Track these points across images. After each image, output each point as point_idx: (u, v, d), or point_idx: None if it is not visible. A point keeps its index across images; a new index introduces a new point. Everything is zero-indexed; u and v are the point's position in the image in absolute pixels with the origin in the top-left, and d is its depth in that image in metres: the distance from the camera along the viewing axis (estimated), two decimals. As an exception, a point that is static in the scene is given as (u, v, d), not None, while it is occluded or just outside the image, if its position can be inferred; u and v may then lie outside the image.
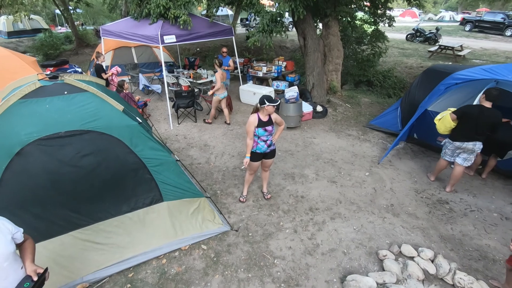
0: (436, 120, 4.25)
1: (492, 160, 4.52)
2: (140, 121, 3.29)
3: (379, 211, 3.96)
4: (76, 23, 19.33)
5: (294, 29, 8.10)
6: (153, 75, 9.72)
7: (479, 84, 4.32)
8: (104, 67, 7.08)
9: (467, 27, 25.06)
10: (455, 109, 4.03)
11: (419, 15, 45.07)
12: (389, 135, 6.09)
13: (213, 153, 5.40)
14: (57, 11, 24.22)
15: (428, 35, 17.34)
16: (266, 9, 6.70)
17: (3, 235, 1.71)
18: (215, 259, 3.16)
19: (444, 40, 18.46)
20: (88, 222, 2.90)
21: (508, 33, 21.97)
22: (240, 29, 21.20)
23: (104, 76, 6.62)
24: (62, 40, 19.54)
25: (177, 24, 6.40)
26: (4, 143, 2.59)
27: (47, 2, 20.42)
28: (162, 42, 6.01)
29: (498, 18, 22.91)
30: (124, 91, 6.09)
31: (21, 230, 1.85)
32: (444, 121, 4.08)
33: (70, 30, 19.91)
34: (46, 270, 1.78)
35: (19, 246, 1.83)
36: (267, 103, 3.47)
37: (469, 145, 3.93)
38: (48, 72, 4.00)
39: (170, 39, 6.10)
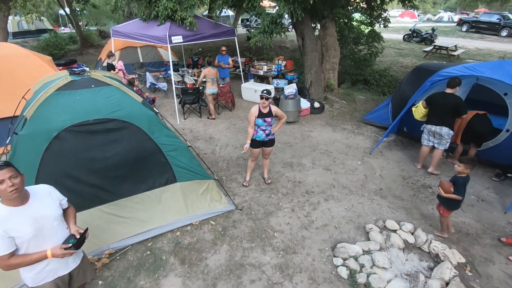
0: (413, 108, 4.83)
1: (472, 149, 4.97)
2: (157, 111, 3.74)
3: (369, 194, 4.40)
4: (79, 23, 19.74)
5: (293, 30, 8.54)
6: (158, 74, 10.16)
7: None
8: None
9: (464, 28, 25.47)
10: (427, 98, 4.65)
11: (418, 15, 45.45)
12: (381, 129, 6.53)
13: (217, 145, 5.85)
14: (61, 11, 24.66)
15: (424, 36, 17.80)
16: (267, 10, 7.15)
17: (53, 200, 2.15)
18: (222, 232, 3.61)
19: (440, 40, 18.93)
20: (113, 198, 3.35)
21: (503, 33, 22.38)
22: (241, 30, 21.64)
23: (113, 73, 7.06)
24: (66, 41, 19.98)
25: (183, 25, 6.85)
26: (44, 128, 3.03)
27: (51, 3, 20.79)
28: (170, 42, 6.46)
29: (494, 19, 23.33)
30: (134, 88, 6.54)
31: (66, 198, 2.29)
32: (418, 109, 4.75)
33: (73, 31, 20.34)
34: (86, 230, 2.18)
35: (63, 211, 2.26)
36: (261, 95, 3.95)
37: (437, 128, 4.55)
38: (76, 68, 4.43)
39: (177, 39, 6.55)
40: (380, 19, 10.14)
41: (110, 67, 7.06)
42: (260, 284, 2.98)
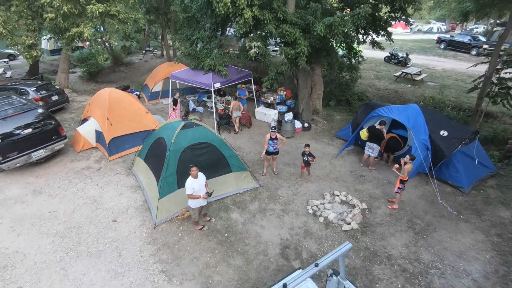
0: (360, 132, 8.58)
1: (390, 156, 8.77)
2: (223, 137, 7.57)
3: (330, 179, 8.21)
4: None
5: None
6: (195, 99, 13.94)
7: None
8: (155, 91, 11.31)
9: (442, 46, 29.22)
10: (367, 127, 8.39)
11: (410, 27, 49.28)
12: (346, 142, 10.31)
13: (244, 152, 9.65)
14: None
15: (400, 59, 21.54)
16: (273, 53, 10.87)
17: (202, 178, 5.98)
18: (254, 196, 7.42)
19: (418, 59, 22.80)
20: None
21: (473, 52, 26.12)
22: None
23: (172, 107, 10.91)
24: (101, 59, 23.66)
25: (220, 74, 10.65)
26: (178, 148, 6.83)
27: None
28: (213, 87, 10.28)
29: (466, 39, 27.11)
30: (189, 115, 10.36)
31: (205, 178, 6.10)
32: (362, 133, 8.43)
33: (90, 49, 22.16)
34: (212, 192, 6.01)
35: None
36: (271, 132, 7.74)
37: (372, 145, 8.27)
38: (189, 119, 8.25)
39: (217, 85, 10.38)
40: (357, 57, 13.92)
41: (175, 102, 10.86)
42: (273, 216, 6.79)
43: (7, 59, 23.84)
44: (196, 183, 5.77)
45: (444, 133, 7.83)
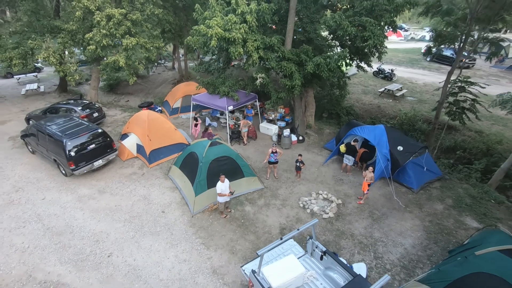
0: (340, 146, 11.41)
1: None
2: (236, 150, 10.39)
3: (316, 182, 11.02)
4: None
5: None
6: (209, 113, 16.75)
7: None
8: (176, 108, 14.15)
9: (428, 58, 31.96)
10: (345, 143, 11.24)
11: (404, 32, 52.14)
12: (331, 153, 13.11)
13: (252, 160, 12.45)
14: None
15: (386, 74, 24.34)
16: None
17: (227, 182, 8.82)
18: (260, 195, 10.24)
19: (403, 73, 25.58)
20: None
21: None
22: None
23: (194, 123, 13.74)
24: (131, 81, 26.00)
25: (232, 98, 13.45)
26: (208, 160, 9.63)
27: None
28: (227, 109, 13.10)
29: (449, 53, 29.83)
30: (208, 131, 13.18)
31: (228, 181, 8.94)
32: (341, 148, 11.26)
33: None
34: (234, 191, 8.84)
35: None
36: (272, 147, 10.58)
37: (348, 156, 11.09)
38: (213, 139, 11.08)
39: (230, 108, 13.21)
40: (344, 78, 16.71)
41: (196, 119, 13.69)
42: (275, 208, 9.62)
43: (36, 73, 26.66)
44: (224, 186, 8.58)
45: (400, 148, 10.64)
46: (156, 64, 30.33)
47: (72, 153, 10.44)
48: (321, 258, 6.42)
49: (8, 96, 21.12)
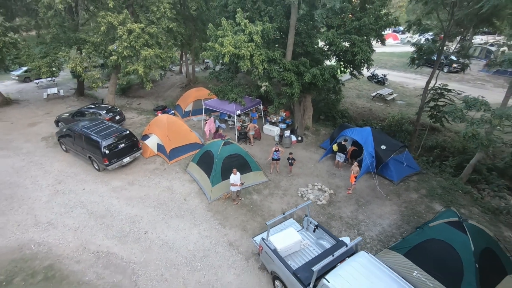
0: (333, 146, 13.38)
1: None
2: (246, 149, 12.34)
3: (312, 176, 12.97)
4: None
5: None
6: (218, 116, 18.71)
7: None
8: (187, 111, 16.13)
9: (415, 67, 33.82)
10: (338, 143, 13.20)
11: (401, 35, 53.94)
12: (325, 151, 15.05)
13: (258, 157, 14.38)
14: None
15: (379, 79, 26.29)
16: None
17: (239, 174, 10.78)
18: (265, 186, 12.19)
19: (395, 77, 27.44)
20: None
21: (445, 69, 30.83)
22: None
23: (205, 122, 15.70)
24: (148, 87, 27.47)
25: (240, 104, 15.39)
26: (221, 157, 11.57)
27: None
28: (235, 113, 15.05)
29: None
30: (219, 132, 15.12)
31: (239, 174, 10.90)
32: (334, 147, 13.24)
33: None
34: (244, 182, 10.80)
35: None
36: (275, 146, 12.55)
37: (340, 154, 13.06)
38: (226, 139, 13.04)
39: (238, 112, 15.16)
40: (339, 84, 18.65)
41: (209, 122, 15.65)
42: (277, 197, 11.57)
43: (54, 78, 28.55)
44: (236, 178, 10.52)
45: (383, 147, 12.58)
46: (165, 69, 32.22)
47: (106, 151, 12.38)
48: (314, 230, 8.38)
49: (32, 100, 23.09)
